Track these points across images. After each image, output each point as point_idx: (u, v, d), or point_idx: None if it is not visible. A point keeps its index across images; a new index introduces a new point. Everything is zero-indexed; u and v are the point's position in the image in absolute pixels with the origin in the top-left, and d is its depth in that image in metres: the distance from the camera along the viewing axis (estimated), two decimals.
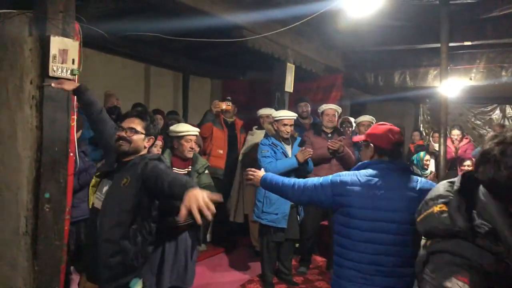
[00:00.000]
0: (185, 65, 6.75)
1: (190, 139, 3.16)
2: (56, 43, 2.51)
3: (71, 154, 2.77)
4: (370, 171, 2.05)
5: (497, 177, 1.06)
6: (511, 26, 4.86)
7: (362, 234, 1.95)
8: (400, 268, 1.90)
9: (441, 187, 1.30)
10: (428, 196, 1.31)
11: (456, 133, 6.00)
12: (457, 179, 1.26)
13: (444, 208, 1.19)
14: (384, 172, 2.01)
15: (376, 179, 1.99)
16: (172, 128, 3.33)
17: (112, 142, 2.29)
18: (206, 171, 3.27)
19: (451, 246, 1.12)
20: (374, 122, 4.84)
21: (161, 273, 3.03)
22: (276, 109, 4.58)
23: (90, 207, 2.33)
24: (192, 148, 3.17)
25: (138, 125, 2.24)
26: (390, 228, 1.91)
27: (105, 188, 2.24)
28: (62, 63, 2.55)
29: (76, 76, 2.67)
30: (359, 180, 2.02)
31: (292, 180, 2.28)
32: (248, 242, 4.97)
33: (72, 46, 2.61)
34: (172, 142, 3.28)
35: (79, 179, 3.38)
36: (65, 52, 2.56)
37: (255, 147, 4.29)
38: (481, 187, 1.15)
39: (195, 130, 3.24)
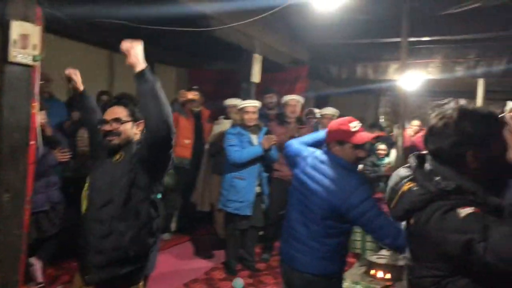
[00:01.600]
0: (150, 53, 6.53)
1: None
2: (17, 28, 2.44)
3: (32, 142, 2.71)
4: (321, 156, 2.26)
5: (442, 145, 1.30)
6: (465, 24, 5.12)
7: (294, 201, 2.31)
8: (308, 240, 2.18)
9: (400, 172, 1.46)
10: (392, 183, 1.46)
11: (415, 123, 6.57)
12: (410, 160, 1.45)
13: (411, 184, 1.36)
14: (329, 161, 2.21)
15: (319, 163, 2.22)
16: None
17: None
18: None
19: (435, 206, 1.28)
20: (337, 115, 4.98)
21: None
22: (243, 100, 4.63)
23: (83, 212, 2.06)
24: None
25: (121, 113, 2.06)
26: (308, 204, 2.19)
27: None
28: (23, 48, 2.48)
29: (38, 62, 2.61)
30: (308, 157, 2.29)
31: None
32: (213, 231, 5.02)
33: (34, 31, 2.53)
34: None
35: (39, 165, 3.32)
36: (26, 37, 2.49)
37: (222, 136, 4.33)
38: (428, 159, 1.37)
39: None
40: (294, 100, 4.64)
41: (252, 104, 4.07)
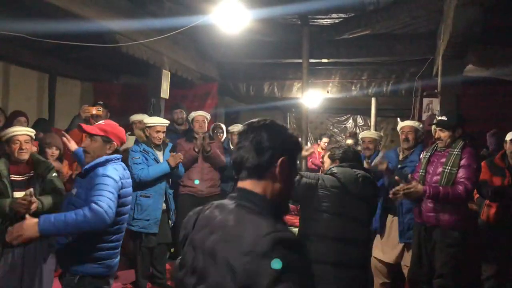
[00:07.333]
0: (52, 66, 6.29)
1: (18, 140, 2.93)
2: None
3: None
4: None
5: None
6: (358, 49, 5.69)
7: None
8: None
9: None
10: None
11: (325, 140, 6.96)
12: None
13: None
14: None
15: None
16: None
17: None
18: (54, 174, 3.10)
19: None
20: None
21: None
22: (151, 115, 4.59)
23: None
24: (23, 149, 2.94)
25: None
26: None
27: None
28: None
29: None
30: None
31: None
32: (121, 251, 4.85)
33: None
34: (4, 149, 3.01)
35: None
36: None
37: (126, 153, 4.24)
38: None
39: (23, 130, 3.04)
40: (201, 116, 4.67)
41: (163, 123, 4.05)
